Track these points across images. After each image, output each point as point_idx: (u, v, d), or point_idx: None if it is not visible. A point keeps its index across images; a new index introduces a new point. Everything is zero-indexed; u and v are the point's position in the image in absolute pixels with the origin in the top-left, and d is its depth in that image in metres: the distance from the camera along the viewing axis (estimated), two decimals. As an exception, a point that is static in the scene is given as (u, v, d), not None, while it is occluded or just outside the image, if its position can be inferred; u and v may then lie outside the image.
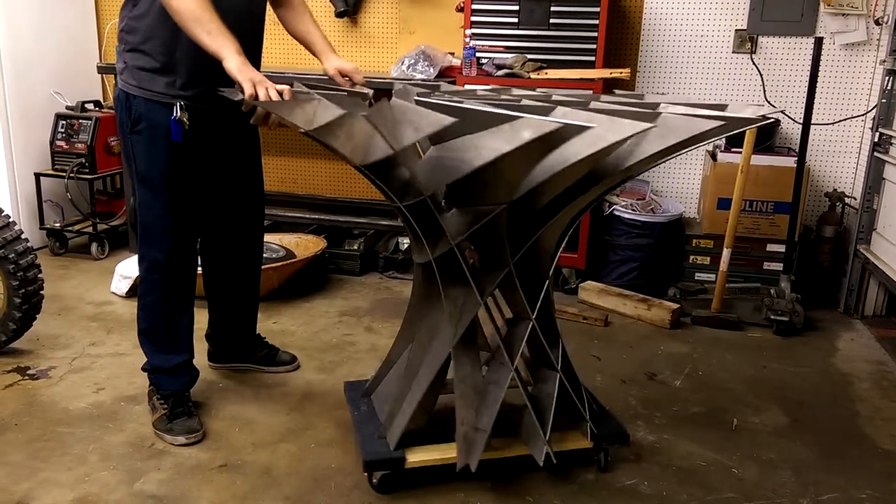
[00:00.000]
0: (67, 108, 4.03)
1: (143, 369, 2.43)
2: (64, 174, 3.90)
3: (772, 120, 1.50)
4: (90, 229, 3.99)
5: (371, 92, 2.23)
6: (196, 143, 2.21)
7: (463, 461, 1.97)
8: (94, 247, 4.00)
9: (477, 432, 1.98)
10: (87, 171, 3.93)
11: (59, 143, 3.95)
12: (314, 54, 2.42)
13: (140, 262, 2.34)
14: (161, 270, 2.30)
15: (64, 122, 3.95)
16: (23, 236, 2.75)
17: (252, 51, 2.29)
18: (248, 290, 2.66)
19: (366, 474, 2.06)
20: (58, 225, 4.02)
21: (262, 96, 1.86)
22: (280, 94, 1.88)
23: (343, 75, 2.34)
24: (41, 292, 2.79)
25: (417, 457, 2.04)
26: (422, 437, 2.06)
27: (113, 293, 3.49)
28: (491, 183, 1.76)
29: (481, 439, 1.97)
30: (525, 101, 1.93)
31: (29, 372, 2.72)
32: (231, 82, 1.97)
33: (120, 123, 2.24)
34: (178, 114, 2.12)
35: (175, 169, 2.21)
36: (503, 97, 2.14)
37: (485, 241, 1.96)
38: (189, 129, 2.14)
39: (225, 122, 2.27)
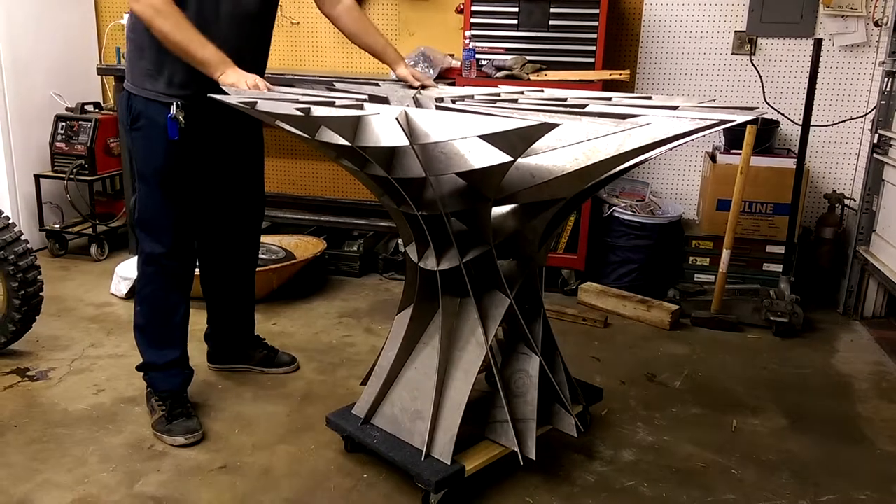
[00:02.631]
0: (67, 109, 4.03)
1: (138, 368, 2.44)
2: (63, 175, 3.89)
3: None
4: (90, 231, 3.99)
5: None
6: (194, 141, 2.23)
7: (523, 452, 2.03)
8: (93, 248, 4.00)
9: (522, 422, 2.05)
10: (87, 172, 3.93)
11: (58, 144, 3.95)
12: (382, 61, 2.54)
13: (139, 255, 2.37)
14: (157, 263, 2.32)
15: (63, 123, 3.95)
16: (22, 238, 2.74)
17: (256, 55, 2.31)
18: (243, 290, 2.68)
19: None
20: (57, 226, 4.02)
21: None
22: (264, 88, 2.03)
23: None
24: (41, 294, 2.79)
25: (470, 463, 2.02)
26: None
27: (112, 294, 3.49)
28: (560, 181, 1.79)
29: (531, 427, 2.05)
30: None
31: (28, 373, 2.72)
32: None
33: (121, 121, 2.31)
34: (175, 112, 2.16)
35: (172, 165, 2.24)
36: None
37: (517, 236, 2.01)
38: (187, 127, 2.18)
39: (225, 122, 2.29)
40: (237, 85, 2.01)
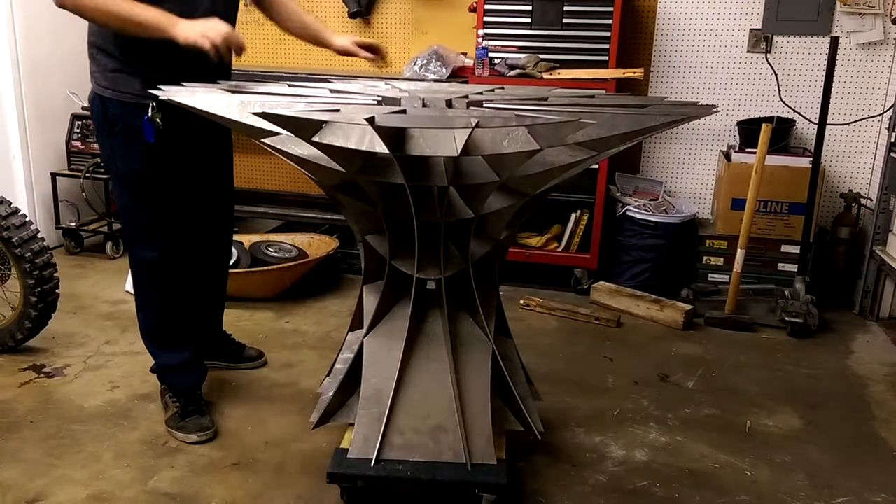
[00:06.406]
0: (83, 108, 4.05)
1: (152, 370, 2.46)
2: (80, 174, 3.93)
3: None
4: (105, 229, 4.02)
5: None
6: (172, 142, 2.18)
7: (535, 429, 2.04)
8: (108, 246, 4.03)
9: (523, 402, 2.05)
10: (103, 171, 3.96)
11: (74, 143, 3.98)
12: (318, 41, 2.43)
13: (130, 262, 2.36)
14: (149, 268, 2.31)
15: (80, 122, 3.98)
16: (39, 235, 2.77)
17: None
18: (216, 288, 2.65)
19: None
20: (73, 224, 4.05)
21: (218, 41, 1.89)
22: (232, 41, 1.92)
23: (362, 47, 2.36)
24: (57, 291, 2.82)
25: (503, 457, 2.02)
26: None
27: (127, 292, 3.51)
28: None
29: (531, 405, 2.07)
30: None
31: (44, 370, 2.75)
32: (204, 76, 2.04)
33: (97, 126, 2.23)
34: (151, 114, 2.10)
35: (152, 169, 2.20)
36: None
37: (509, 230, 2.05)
38: (164, 128, 2.12)
39: (200, 121, 2.27)
40: (206, 34, 1.89)
